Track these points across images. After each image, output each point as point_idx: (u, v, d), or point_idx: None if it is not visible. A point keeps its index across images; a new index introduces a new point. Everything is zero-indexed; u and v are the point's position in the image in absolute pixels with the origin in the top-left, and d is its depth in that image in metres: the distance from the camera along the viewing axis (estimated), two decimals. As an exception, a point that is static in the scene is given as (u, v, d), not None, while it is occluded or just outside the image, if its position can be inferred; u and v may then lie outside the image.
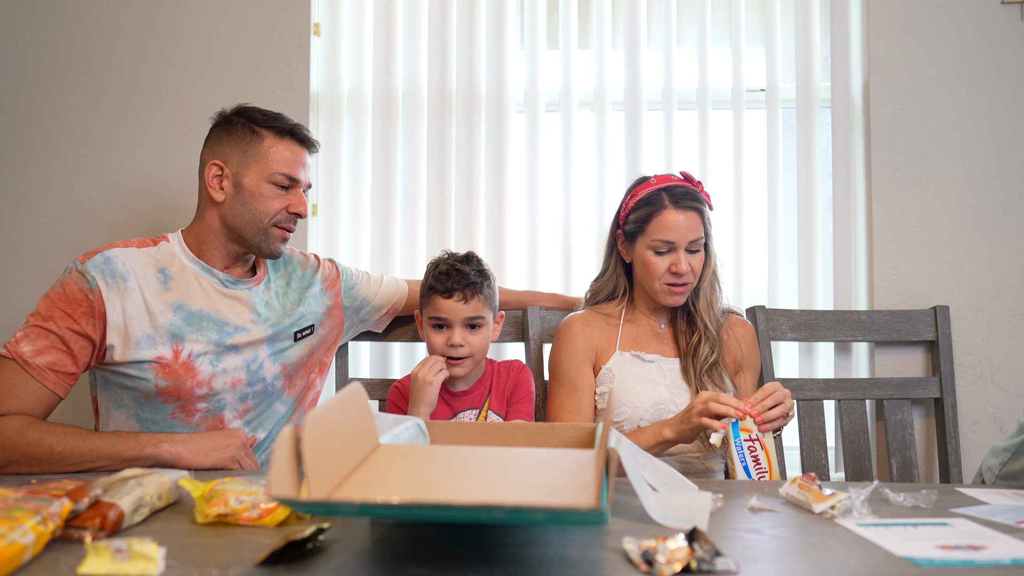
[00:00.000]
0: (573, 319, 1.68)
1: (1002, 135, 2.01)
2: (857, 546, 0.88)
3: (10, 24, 2.08)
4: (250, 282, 1.53)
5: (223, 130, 1.50)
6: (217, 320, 1.46)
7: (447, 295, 1.56)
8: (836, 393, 1.92)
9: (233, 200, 1.47)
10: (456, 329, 1.57)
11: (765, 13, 2.10)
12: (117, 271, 1.39)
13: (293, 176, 1.48)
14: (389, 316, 1.80)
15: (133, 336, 1.38)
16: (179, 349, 1.41)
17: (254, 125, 1.48)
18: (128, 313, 1.38)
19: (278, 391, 1.53)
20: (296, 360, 1.55)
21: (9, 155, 2.07)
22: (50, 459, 1.26)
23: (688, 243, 1.57)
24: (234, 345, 1.46)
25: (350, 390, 0.92)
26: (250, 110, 1.51)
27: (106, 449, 1.28)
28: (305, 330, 1.57)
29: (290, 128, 1.50)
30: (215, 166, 1.47)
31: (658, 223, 1.57)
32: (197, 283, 1.47)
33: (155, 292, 1.42)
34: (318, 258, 1.68)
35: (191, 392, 1.42)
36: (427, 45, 2.10)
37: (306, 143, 1.52)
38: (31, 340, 1.33)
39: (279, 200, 1.48)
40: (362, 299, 1.71)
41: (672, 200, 1.58)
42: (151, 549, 0.76)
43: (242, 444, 1.37)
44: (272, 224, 1.48)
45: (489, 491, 0.84)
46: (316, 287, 1.62)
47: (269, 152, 1.47)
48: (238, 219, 1.47)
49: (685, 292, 1.61)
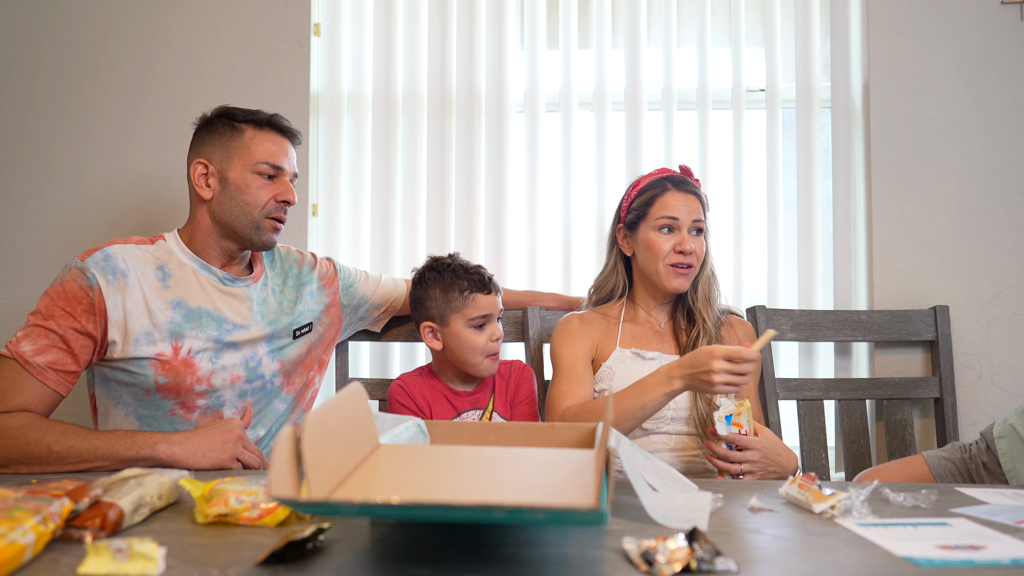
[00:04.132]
0: (572, 316, 1.69)
1: (1002, 135, 2.01)
2: (857, 546, 0.88)
3: (10, 24, 2.08)
4: (248, 280, 1.53)
5: (204, 131, 1.52)
6: (216, 317, 1.46)
7: (487, 291, 1.59)
8: (836, 393, 1.92)
9: (221, 195, 1.48)
10: (495, 323, 1.61)
11: (765, 13, 2.10)
12: (117, 268, 1.40)
13: (277, 164, 1.49)
14: (387, 315, 1.80)
15: (133, 332, 1.39)
16: (179, 346, 1.42)
17: (234, 121, 1.50)
18: (128, 310, 1.39)
19: (277, 388, 1.54)
20: (295, 358, 1.56)
21: (9, 154, 2.07)
22: (49, 458, 1.26)
23: (691, 223, 1.60)
24: (233, 342, 1.47)
25: (350, 390, 0.92)
26: (230, 109, 1.53)
27: (104, 449, 1.28)
28: (304, 327, 1.58)
29: (268, 119, 1.52)
30: (200, 164, 1.49)
31: (662, 203, 1.61)
32: (196, 280, 1.47)
33: (155, 289, 1.43)
34: (315, 256, 1.68)
35: (191, 388, 1.42)
36: (427, 45, 2.10)
37: (286, 132, 1.54)
38: (31, 340, 1.33)
39: (266, 190, 1.49)
40: (360, 297, 1.71)
41: (674, 184, 1.64)
42: (151, 549, 0.76)
43: (238, 438, 1.35)
44: (263, 216, 1.49)
45: (489, 491, 0.84)
46: (314, 284, 1.62)
47: (250, 144, 1.48)
48: (227, 213, 1.48)
49: (689, 276, 1.62)
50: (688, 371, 1.37)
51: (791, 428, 1.92)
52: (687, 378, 1.37)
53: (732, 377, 1.32)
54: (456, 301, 1.58)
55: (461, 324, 1.58)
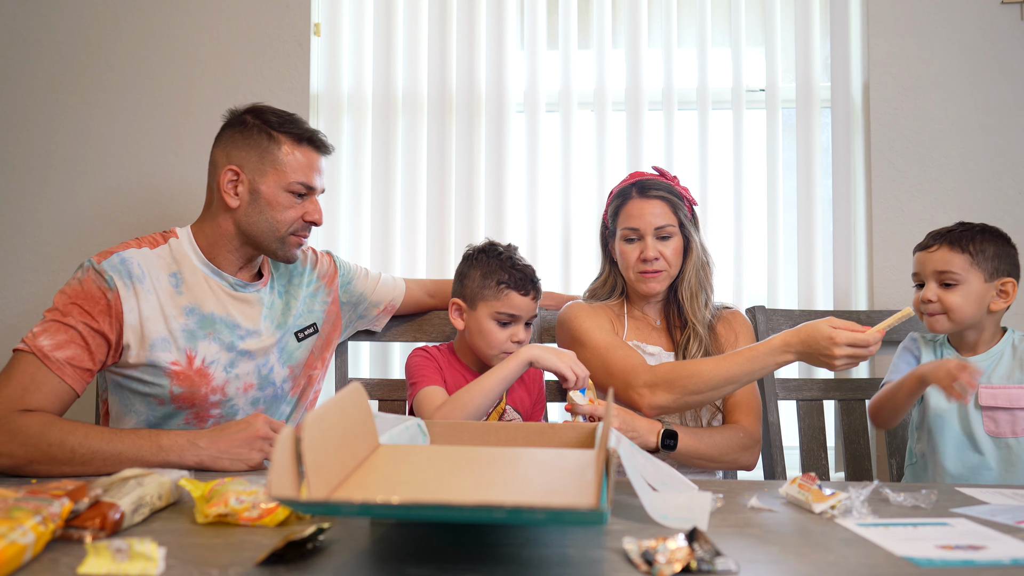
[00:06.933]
0: (579, 302, 1.71)
1: (1002, 135, 2.01)
2: (857, 546, 0.88)
3: (9, 24, 2.08)
4: (258, 284, 1.52)
5: (237, 132, 1.45)
6: (229, 323, 1.45)
7: (524, 292, 1.55)
8: (836, 393, 1.92)
9: (249, 207, 1.44)
10: (522, 325, 1.57)
11: (765, 13, 2.10)
12: (134, 272, 1.38)
13: (310, 184, 1.46)
14: (387, 314, 1.78)
15: (149, 337, 1.37)
16: (193, 355, 1.40)
17: (270, 129, 1.44)
18: (144, 314, 1.37)
19: (285, 393, 1.54)
20: (301, 360, 1.55)
21: (9, 155, 2.07)
22: (71, 460, 1.23)
23: (655, 230, 1.60)
24: (246, 350, 1.46)
25: (350, 390, 0.92)
26: (264, 111, 1.47)
27: (129, 454, 1.25)
28: (307, 329, 1.57)
29: (308, 136, 1.46)
30: (231, 171, 1.43)
31: (626, 213, 1.63)
32: (207, 286, 1.45)
33: (168, 295, 1.41)
34: (315, 252, 1.66)
35: (205, 398, 1.41)
36: (427, 45, 2.10)
37: (322, 148, 1.49)
38: (50, 334, 1.31)
39: (295, 209, 1.45)
40: (359, 294, 1.70)
41: (639, 191, 1.64)
42: (151, 549, 0.76)
43: (263, 436, 1.32)
44: (289, 233, 1.46)
45: (489, 491, 0.84)
46: (315, 284, 1.61)
47: (287, 160, 1.43)
48: (254, 227, 1.45)
49: (658, 279, 1.62)
50: (807, 348, 1.38)
51: (791, 428, 1.92)
52: (804, 354, 1.39)
53: (852, 361, 1.35)
54: (490, 290, 1.55)
55: (486, 314, 1.56)
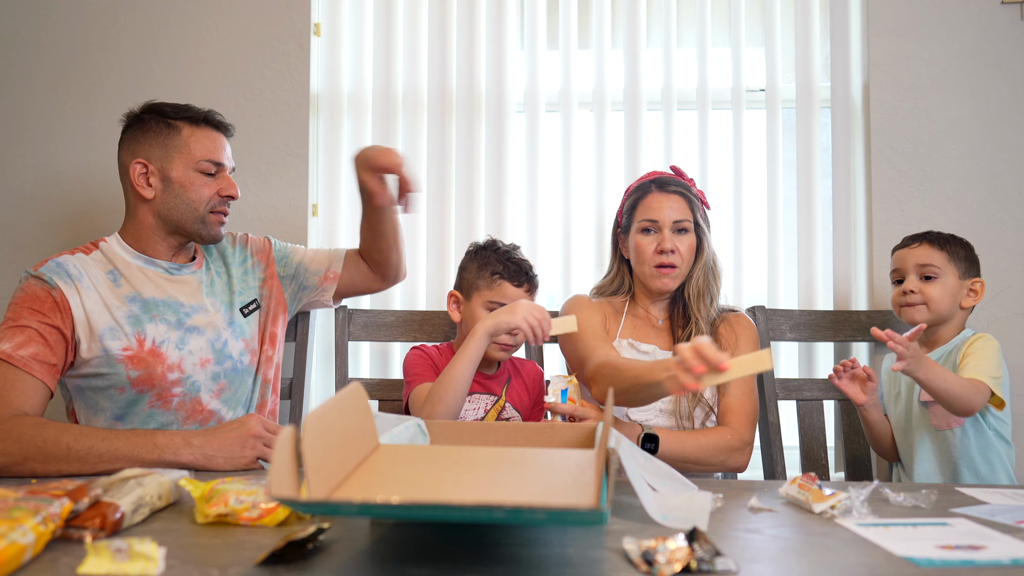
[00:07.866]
0: (581, 295, 1.73)
1: (1002, 135, 2.01)
2: (857, 546, 0.88)
3: (9, 24, 2.08)
4: (192, 266, 1.57)
5: (137, 129, 1.52)
6: (171, 303, 1.50)
7: (517, 283, 1.58)
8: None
9: (164, 195, 1.50)
10: None
11: (765, 13, 2.10)
12: (71, 272, 1.43)
13: (218, 161, 1.52)
14: (331, 282, 1.72)
15: (96, 329, 1.41)
16: (142, 338, 1.44)
17: (167, 119, 1.51)
18: (88, 308, 1.42)
19: (247, 367, 1.56)
20: (253, 334, 1.59)
21: (9, 155, 2.07)
22: (67, 457, 1.25)
23: (673, 223, 1.62)
24: (195, 326, 1.50)
25: (350, 390, 0.92)
26: (158, 106, 1.54)
27: (125, 450, 1.27)
28: (250, 304, 1.61)
29: (203, 116, 1.53)
30: (139, 164, 1.50)
31: (644, 205, 1.65)
32: (144, 276, 1.50)
33: (108, 289, 1.46)
34: (248, 235, 1.70)
35: (163, 378, 1.44)
36: (427, 45, 2.10)
37: (222, 127, 1.56)
38: (8, 338, 1.35)
39: (209, 187, 1.52)
40: (296, 265, 1.70)
41: (658, 186, 1.66)
42: (151, 549, 0.76)
43: (256, 435, 1.34)
44: (208, 211, 1.52)
45: (489, 491, 0.84)
46: (249, 261, 1.65)
47: (189, 142, 1.50)
48: (173, 212, 1.50)
49: (674, 275, 1.62)
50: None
51: (791, 428, 1.92)
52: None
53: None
54: (484, 280, 1.59)
55: (479, 304, 1.59)
